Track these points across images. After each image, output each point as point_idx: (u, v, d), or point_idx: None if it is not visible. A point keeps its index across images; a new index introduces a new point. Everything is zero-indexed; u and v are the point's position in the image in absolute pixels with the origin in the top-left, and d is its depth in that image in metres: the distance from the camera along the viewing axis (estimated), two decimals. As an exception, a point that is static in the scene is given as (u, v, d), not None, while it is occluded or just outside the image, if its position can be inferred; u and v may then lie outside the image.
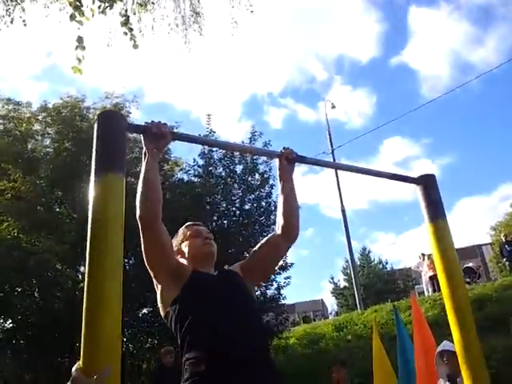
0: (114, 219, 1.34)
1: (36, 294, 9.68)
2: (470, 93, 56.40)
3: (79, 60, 3.48)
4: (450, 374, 3.84)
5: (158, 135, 1.62)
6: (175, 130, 1.90)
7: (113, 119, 1.53)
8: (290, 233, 1.99)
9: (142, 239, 1.76)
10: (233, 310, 1.73)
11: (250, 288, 1.94)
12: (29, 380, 9.34)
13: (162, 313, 1.86)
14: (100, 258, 1.29)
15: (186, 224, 2.12)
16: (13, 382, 9.14)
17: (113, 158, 1.41)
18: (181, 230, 2.09)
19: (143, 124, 1.65)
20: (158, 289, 1.86)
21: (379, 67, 65.16)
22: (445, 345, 3.93)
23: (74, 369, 1.21)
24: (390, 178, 2.08)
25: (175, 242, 2.04)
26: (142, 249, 1.79)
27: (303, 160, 1.95)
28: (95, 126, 1.49)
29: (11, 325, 9.62)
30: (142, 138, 1.65)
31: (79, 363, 1.22)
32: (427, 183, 2.04)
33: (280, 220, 1.99)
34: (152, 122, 1.63)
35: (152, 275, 1.85)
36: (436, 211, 1.98)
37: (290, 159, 1.92)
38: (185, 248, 2.00)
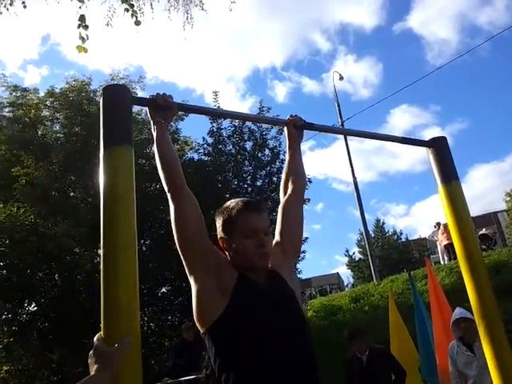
0: (125, 190, 1.35)
1: (56, 278, 9.88)
2: (479, 56, 54.88)
3: (83, 39, 3.45)
4: (464, 337, 3.84)
5: (164, 107, 1.60)
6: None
7: (117, 93, 1.53)
8: (298, 183, 1.86)
9: (170, 213, 1.54)
10: (287, 342, 1.44)
11: (298, 300, 1.65)
12: (55, 360, 9.63)
13: (199, 327, 1.51)
14: (114, 229, 1.31)
15: (243, 203, 1.62)
16: (39, 362, 9.44)
17: (119, 131, 1.43)
18: (233, 211, 1.60)
19: (148, 97, 1.64)
20: (194, 288, 1.51)
21: (384, 35, 63.71)
22: (461, 313, 3.93)
23: (95, 338, 1.24)
24: (400, 142, 2.06)
25: (219, 221, 1.63)
26: (173, 227, 1.54)
27: (311, 126, 1.92)
28: (101, 100, 1.49)
29: (35, 308, 9.88)
30: (148, 110, 1.63)
31: (100, 333, 1.25)
32: (438, 145, 2.01)
33: (287, 177, 1.89)
34: (157, 94, 1.62)
35: (184, 263, 1.53)
36: (448, 173, 1.95)
37: (297, 126, 1.90)
38: (232, 243, 1.57)
